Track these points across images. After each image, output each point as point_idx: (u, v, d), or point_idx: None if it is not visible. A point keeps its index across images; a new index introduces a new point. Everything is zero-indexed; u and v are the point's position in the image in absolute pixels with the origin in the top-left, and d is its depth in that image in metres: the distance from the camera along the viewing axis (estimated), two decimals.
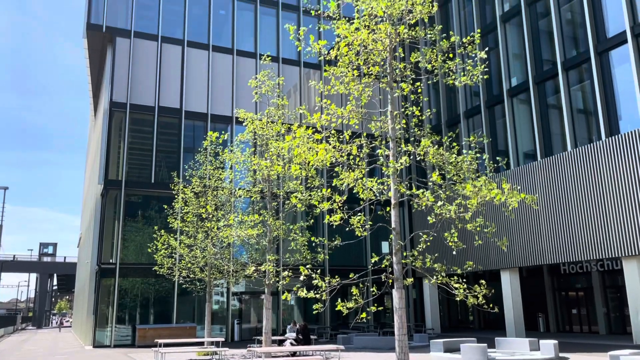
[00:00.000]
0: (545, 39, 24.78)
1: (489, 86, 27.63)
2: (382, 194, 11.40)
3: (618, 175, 20.13)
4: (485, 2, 28.47)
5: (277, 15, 32.71)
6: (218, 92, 30.15)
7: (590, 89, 22.26)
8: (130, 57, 28.48)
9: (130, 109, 27.97)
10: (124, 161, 27.30)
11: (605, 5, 21.92)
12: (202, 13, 30.95)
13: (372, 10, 12.15)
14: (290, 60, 32.46)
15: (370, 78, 13.39)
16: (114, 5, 28.95)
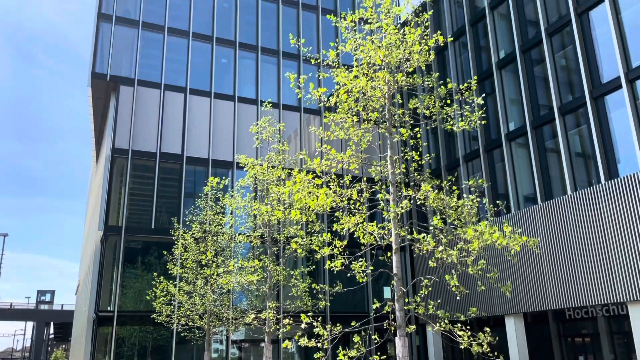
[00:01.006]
0: (541, 84, 25.24)
1: (487, 130, 27.94)
2: (383, 238, 11.34)
3: (619, 218, 20.08)
4: (480, 50, 29.16)
5: (278, 64, 33.46)
6: (219, 137, 30.49)
7: (587, 133, 22.50)
8: (133, 104, 28.97)
9: (132, 155, 28.21)
10: (124, 207, 27.31)
11: (598, 52, 22.44)
12: (205, 61, 31.67)
13: (370, 59, 12.45)
14: (291, 106, 32.98)
15: (369, 124, 13.57)
16: (118, 55, 29.67)
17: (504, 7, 27.71)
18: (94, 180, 48.64)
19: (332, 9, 36.09)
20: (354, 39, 13.13)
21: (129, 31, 30.27)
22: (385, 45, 12.34)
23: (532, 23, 26.06)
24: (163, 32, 30.95)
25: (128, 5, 30.80)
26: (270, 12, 34.30)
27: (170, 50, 30.99)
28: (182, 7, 31.99)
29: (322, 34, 35.03)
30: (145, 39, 30.53)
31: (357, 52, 13.13)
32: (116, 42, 29.76)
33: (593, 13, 22.73)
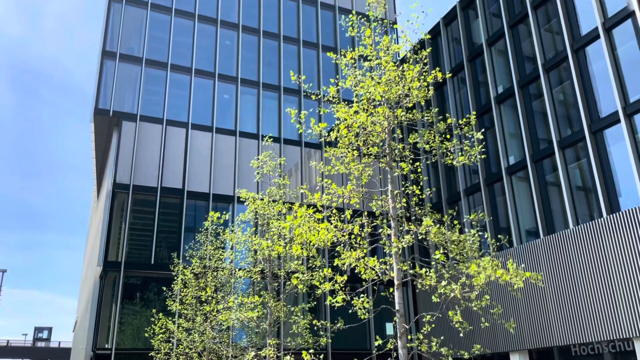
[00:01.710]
0: (539, 118, 25.45)
1: (488, 164, 28.03)
2: (384, 273, 11.24)
3: (622, 253, 19.93)
4: (479, 85, 29.54)
5: (279, 99, 33.85)
6: (220, 172, 30.58)
7: (587, 166, 22.56)
8: (135, 139, 29.18)
9: (133, 190, 28.24)
10: (124, 242, 27.18)
11: (596, 87, 22.71)
12: (207, 97, 32.06)
13: (370, 95, 12.60)
14: (292, 141, 33.20)
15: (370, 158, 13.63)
16: (121, 91, 30.07)
17: (501, 44, 28.20)
18: (94, 215, 48.56)
19: (332, 46, 36.74)
20: (353, 75, 13.33)
21: (133, 68, 30.75)
22: (384, 82, 12.50)
23: (529, 59, 26.47)
24: (166, 68, 31.44)
25: (132, 43, 31.39)
26: (272, 48, 34.91)
27: (172, 87, 31.41)
28: (185, 45, 32.58)
29: (322, 70, 35.57)
30: (148, 76, 30.99)
31: (357, 88, 13.30)
32: (119, 78, 30.20)
33: (589, 49, 23.11)
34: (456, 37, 31.93)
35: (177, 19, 32.72)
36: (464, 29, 31.04)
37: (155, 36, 31.99)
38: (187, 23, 32.98)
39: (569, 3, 24.40)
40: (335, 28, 37.17)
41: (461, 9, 31.44)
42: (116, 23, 31.12)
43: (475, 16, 30.46)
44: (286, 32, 35.60)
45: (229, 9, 34.59)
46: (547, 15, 25.69)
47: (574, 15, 24.10)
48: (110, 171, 30.71)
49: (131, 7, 31.75)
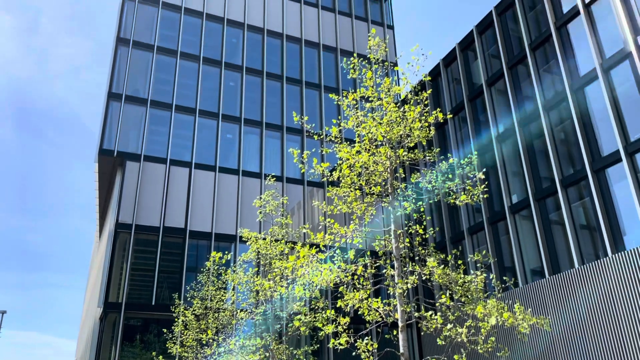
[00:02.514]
0: (541, 157, 25.54)
1: (491, 203, 27.97)
2: (388, 315, 11.07)
3: (629, 292, 19.62)
4: (480, 124, 29.79)
5: (282, 138, 34.15)
6: (223, 211, 30.57)
7: (591, 205, 22.48)
8: (138, 179, 29.32)
9: (136, 229, 28.19)
10: (125, 283, 26.94)
11: (596, 126, 22.87)
12: (210, 136, 32.38)
13: (372, 135, 12.72)
14: (294, 179, 33.30)
15: (372, 197, 13.64)
16: (126, 131, 30.41)
17: (501, 84, 28.60)
18: (95, 256, 48.32)
19: (334, 86, 37.31)
20: (355, 116, 13.49)
21: (138, 109, 31.19)
22: (386, 122, 12.64)
23: (529, 98, 26.79)
24: (170, 109, 31.89)
25: (138, 84, 31.95)
26: (275, 89, 35.47)
27: (177, 127, 31.77)
28: (190, 86, 33.14)
29: (324, 110, 36.01)
30: (153, 116, 31.40)
31: (358, 128, 13.44)
32: (124, 119, 30.60)
33: (588, 89, 23.40)
34: (456, 77, 32.43)
35: (183, 62, 33.39)
36: (463, 70, 31.56)
37: (160, 78, 32.59)
38: (192, 65, 33.64)
39: (566, 45, 24.87)
40: (337, 69, 37.84)
41: (460, 50, 32.04)
42: (122, 65, 31.76)
43: (475, 57, 31.01)
44: (289, 73, 36.24)
45: (233, 51, 35.33)
46: (546, 57, 26.14)
47: (572, 56, 24.52)
48: (113, 211, 30.72)
49: (138, 50, 32.46)
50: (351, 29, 39.70)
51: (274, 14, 37.59)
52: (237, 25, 36.01)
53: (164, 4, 34.33)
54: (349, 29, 39.67)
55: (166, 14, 34.25)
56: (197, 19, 34.96)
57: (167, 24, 34.14)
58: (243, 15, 36.45)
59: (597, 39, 23.30)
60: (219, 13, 35.79)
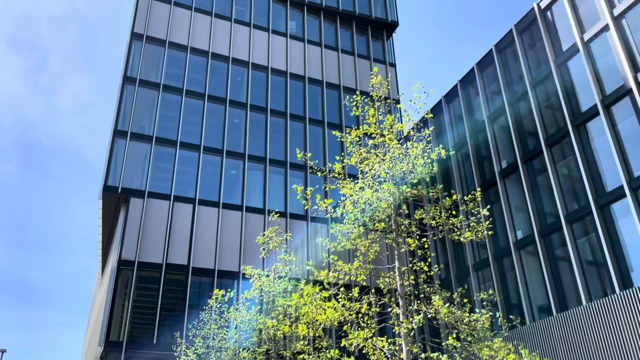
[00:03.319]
0: (545, 193, 25.49)
1: (496, 239, 27.75)
2: (394, 355, 10.86)
3: (637, 330, 19.22)
4: (483, 160, 29.88)
5: (285, 174, 34.28)
6: (226, 248, 30.43)
7: (597, 241, 22.28)
8: (142, 215, 29.32)
9: (138, 266, 28.03)
10: (127, 321, 26.61)
11: (599, 161, 22.89)
12: (214, 173, 32.53)
13: (375, 172, 12.76)
14: (298, 215, 33.24)
15: (376, 234, 13.57)
16: (130, 168, 30.60)
17: (503, 119, 28.81)
18: (97, 293, 47.90)
19: (337, 122, 37.67)
20: (358, 152, 13.57)
21: (142, 146, 31.47)
22: (389, 159, 12.71)
23: (531, 134, 26.93)
24: (175, 146, 32.16)
25: (143, 122, 32.34)
26: (278, 126, 35.82)
27: (181, 163, 31.97)
28: (195, 123, 33.51)
29: (327, 146, 36.26)
30: (157, 153, 31.64)
31: (362, 165, 13.50)
32: (129, 156, 30.83)
33: (590, 125, 23.54)
34: (458, 113, 32.71)
35: (188, 99, 33.87)
36: (465, 106, 31.86)
37: (166, 115, 33.00)
38: (197, 103, 34.10)
39: (567, 81, 25.16)
40: (340, 106, 38.28)
41: (462, 87, 32.43)
42: (128, 103, 32.23)
43: (476, 94, 31.35)
44: (293, 110, 36.66)
45: (238, 89, 35.87)
46: (547, 93, 26.41)
47: (572, 92, 24.77)
48: (116, 248, 30.62)
49: (144, 88, 32.99)
50: (354, 66, 40.35)
51: (278, 53, 38.31)
52: (242, 63, 36.66)
53: (170, 44, 35.08)
54: (351, 66, 40.33)
55: (172, 53, 34.96)
56: (203, 57, 35.65)
57: (173, 62, 34.80)
58: (248, 54, 37.16)
59: (597, 75, 23.59)
60: (224, 52, 36.50)
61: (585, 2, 24.95)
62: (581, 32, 24.71)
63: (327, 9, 41.23)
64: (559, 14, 26.37)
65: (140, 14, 35.09)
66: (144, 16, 35.10)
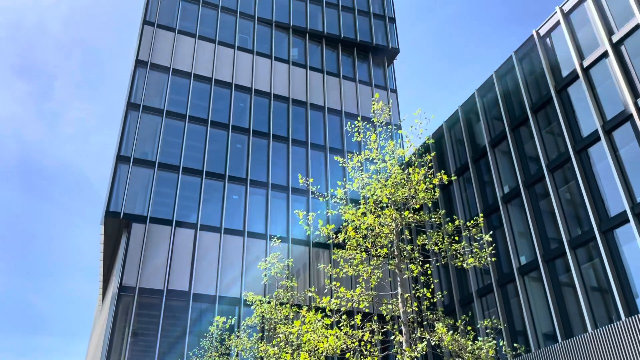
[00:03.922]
0: (548, 218, 25.39)
1: (499, 265, 27.55)
2: None
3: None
4: (485, 185, 29.87)
5: (288, 199, 34.27)
6: (227, 274, 30.24)
7: (601, 267, 22.10)
8: (144, 241, 29.24)
9: (139, 292, 27.83)
10: (126, 348, 26.29)
11: (602, 186, 22.86)
12: (217, 198, 32.54)
13: (377, 197, 12.75)
14: (300, 241, 33.10)
15: (378, 260, 13.50)
16: (133, 193, 30.64)
17: (505, 145, 28.90)
18: (97, 320, 47.46)
19: (339, 147, 37.83)
20: (360, 178, 13.59)
21: (145, 171, 31.58)
22: (391, 184, 12.71)
23: (532, 159, 26.97)
24: (178, 171, 32.25)
25: (146, 147, 32.51)
26: (281, 151, 35.96)
27: (183, 189, 32.02)
28: (197, 149, 33.68)
29: (329, 171, 36.34)
30: (160, 178, 31.72)
31: (364, 190, 13.50)
32: (132, 181, 30.91)
33: (591, 150, 23.58)
34: (459, 139, 32.83)
35: (191, 125, 34.11)
36: (466, 132, 31.99)
37: (168, 141, 33.19)
38: (200, 128, 34.34)
39: (567, 107, 25.30)
40: (342, 131, 38.48)
41: (463, 112, 32.63)
42: (132, 129, 32.45)
43: (477, 119, 31.52)
44: (295, 135, 36.86)
45: (240, 115, 36.15)
46: (548, 118, 26.54)
47: (573, 118, 24.89)
48: (116, 274, 30.46)
49: (147, 114, 33.27)
50: (355, 92, 40.71)
51: (280, 79, 38.71)
52: (245, 90, 37.03)
53: (174, 71, 35.50)
54: (353, 92, 40.68)
55: (176, 80, 35.35)
56: (206, 84, 36.03)
57: (177, 89, 35.17)
58: (251, 81, 37.55)
59: (597, 101, 23.73)
60: (227, 79, 36.90)
61: (583, 28, 25.27)
62: (580, 59, 24.97)
63: (329, 36, 41.80)
64: (558, 41, 26.68)
65: (145, 42, 35.61)
66: (148, 44, 35.62)
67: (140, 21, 36.90)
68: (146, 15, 36.63)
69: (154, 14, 36.89)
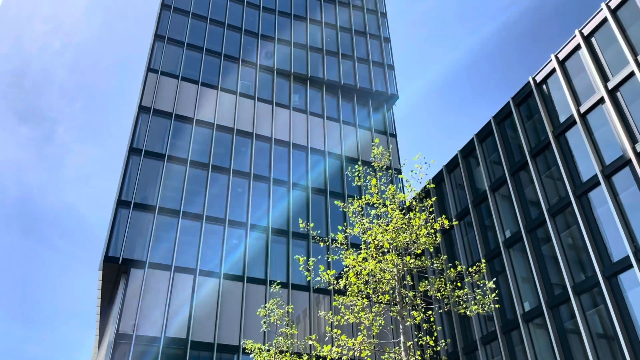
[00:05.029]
0: (551, 263, 25.14)
1: (503, 311, 27.08)
2: None
3: None
4: (486, 229, 29.73)
5: (288, 243, 34.03)
6: (226, 320, 29.68)
7: (606, 313, 21.71)
8: (142, 287, 28.85)
9: (136, 340, 27.24)
10: None
11: (603, 231, 22.74)
12: (216, 243, 32.30)
13: (378, 242, 12.68)
14: (300, 286, 32.64)
15: (380, 307, 13.29)
16: (132, 238, 30.44)
17: (505, 189, 28.95)
18: None
19: (340, 191, 37.85)
20: (361, 223, 13.54)
21: (145, 216, 31.48)
22: (392, 229, 12.66)
23: (533, 203, 26.95)
24: (178, 216, 32.15)
25: (147, 192, 32.54)
26: (281, 195, 35.97)
27: (183, 233, 31.83)
28: (198, 193, 33.69)
29: (330, 215, 36.24)
30: (160, 223, 31.59)
31: (364, 235, 13.43)
32: (132, 226, 30.78)
33: (592, 195, 23.60)
34: (459, 183, 32.92)
35: (192, 169, 34.27)
36: (466, 176, 32.11)
37: (169, 185, 33.26)
38: (201, 173, 34.47)
39: (566, 152, 25.49)
40: (342, 175, 38.64)
41: (462, 157, 32.84)
42: (133, 173, 32.57)
43: (477, 164, 31.70)
44: (295, 179, 36.97)
45: (241, 159, 36.37)
46: (547, 163, 26.69)
47: (572, 162, 25.03)
48: (114, 320, 29.91)
49: (149, 159, 33.47)
50: (355, 137, 41.09)
51: (282, 124, 39.17)
52: (246, 135, 37.40)
53: (177, 116, 35.96)
54: (353, 137, 41.06)
55: (178, 125, 35.76)
56: (208, 129, 36.42)
57: (179, 134, 35.52)
58: (252, 126, 37.98)
59: (595, 146, 23.93)
60: (229, 124, 37.34)
61: (579, 75, 25.76)
62: (577, 105, 25.34)
63: (329, 83, 42.58)
64: (555, 87, 27.16)
65: (149, 88, 36.24)
66: (152, 90, 36.24)
67: (144, 68, 37.69)
68: (150, 63, 37.42)
69: (158, 62, 37.71)
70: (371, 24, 48.01)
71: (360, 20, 47.68)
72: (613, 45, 23.92)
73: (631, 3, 23.37)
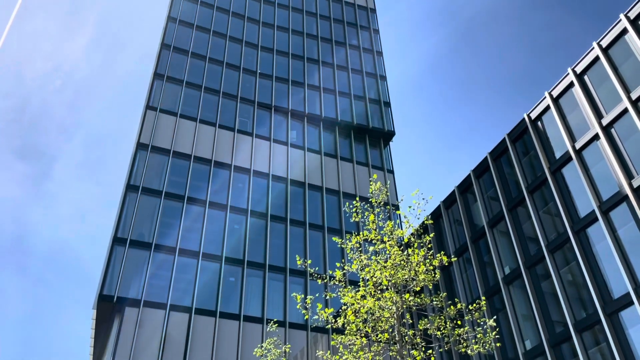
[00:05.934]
0: (551, 300, 24.84)
1: (504, 350, 26.57)
2: None
3: None
4: (485, 265, 29.49)
5: (285, 281, 33.62)
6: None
7: (608, 351, 21.32)
8: (136, 326, 28.30)
9: None
10: None
11: (603, 267, 22.57)
12: (212, 280, 31.89)
13: (376, 279, 12.53)
14: (298, 325, 32.08)
15: (379, 346, 13.02)
16: (127, 276, 30.01)
17: (503, 225, 28.86)
18: None
19: (338, 228, 37.69)
20: (359, 259, 13.42)
21: (141, 253, 31.16)
22: (390, 266, 12.53)
23: (532, 239, 26.83)
24: (174, 253, 31.84)
25: (143, 229, 32.32)
26: (279, 231, 35.76)
27: (179, 271, 31.45)
28: (195, 230, 33.47)
29: (328, 251, 35.96)
30: (155, 260, 31.26)
31: (363, 272, 13.29)
32: (127, 263, 30.41)
33: (590, 230, 23.52)
34: (457, 219, 32.84)
35: (189, 206, 34.15)
36: (464, 212, 32.06)
37: (166, 222, 33.06)
38: (198, 209, 34.33)
39: (562, 187, 25.54)
40: (340, 212, 38.55)
41: (460, 193, 32.87)
42: (130, 210, 32.41)
43: (474, 199, 31.70)
44: (293, 215, 36.83)
45: (238, 195, 36.31)
46: (544, 199, 26.71)
47: (569, 198, 25.05)
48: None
49: (146, 196, 33.38)
50: (353, 173, 41.21)
51: (279, 160, 39.31)
52: (244, 171, 37.47)
53: (174, 153, 36.08)
54: (350, 173, 41.18)
55: (176, 162, 35.83)
56: (206, 165, 36.50)
57: (177, 170, 35.56)
58: (250, 162, 38.10)
59: (592, 182, 24.00)
60: (227, 160, 37.46)
61: (574, 112, 26.07)
62: (572, 141, 25.55)
63: (327, 120, 42.99)
64: (550, 124, 27.44)
65: (147, 126, 36.48)
66: (150, 127, 36.47)
67: (143, 106, 38.03)
68: (149, 101, 37.80)
69: (157, 99, 38.10)
70: (367, 62, 48.87)
71: (356, 60, 48.55)
72: (605, 83, 24.31)
73: (622, 42, 23.87)
